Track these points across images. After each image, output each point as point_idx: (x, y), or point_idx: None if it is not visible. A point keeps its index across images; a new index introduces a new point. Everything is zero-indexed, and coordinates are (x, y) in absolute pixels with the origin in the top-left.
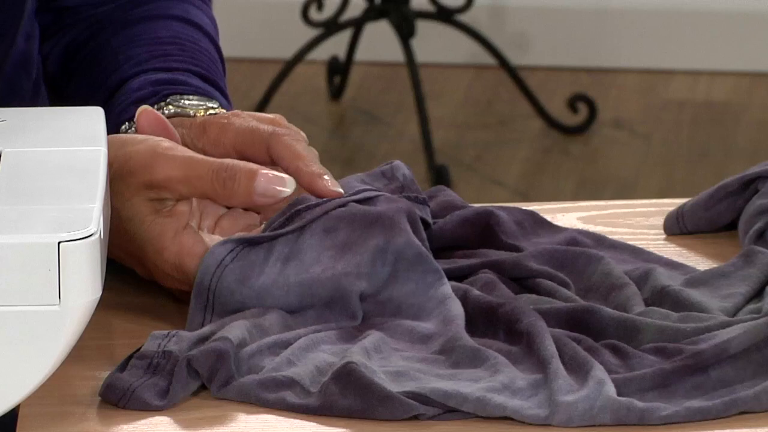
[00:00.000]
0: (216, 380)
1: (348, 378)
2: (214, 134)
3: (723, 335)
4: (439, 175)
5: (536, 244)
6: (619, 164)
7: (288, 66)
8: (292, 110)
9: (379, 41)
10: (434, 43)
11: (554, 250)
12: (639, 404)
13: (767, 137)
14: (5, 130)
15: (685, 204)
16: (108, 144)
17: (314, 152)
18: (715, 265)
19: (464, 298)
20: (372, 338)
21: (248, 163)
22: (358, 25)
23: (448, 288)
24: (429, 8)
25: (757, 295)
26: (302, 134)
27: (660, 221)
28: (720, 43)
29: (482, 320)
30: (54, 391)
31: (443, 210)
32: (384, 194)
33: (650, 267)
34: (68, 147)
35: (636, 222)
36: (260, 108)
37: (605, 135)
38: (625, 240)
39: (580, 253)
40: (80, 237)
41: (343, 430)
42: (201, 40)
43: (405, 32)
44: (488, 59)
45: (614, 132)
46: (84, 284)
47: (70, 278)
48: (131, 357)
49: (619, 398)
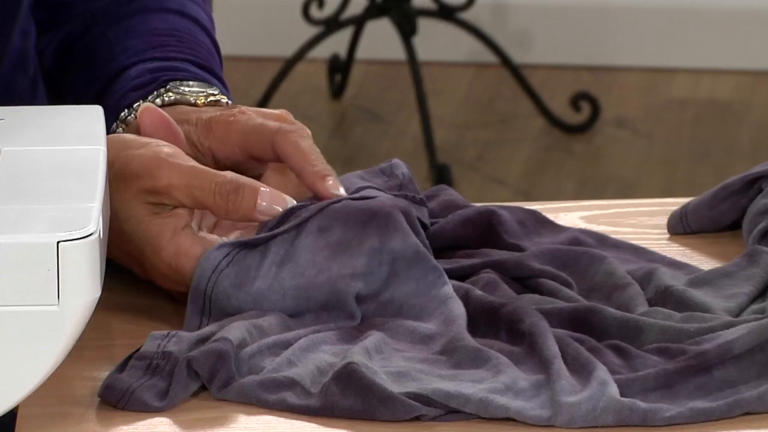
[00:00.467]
0: (216, 381)
1: (349, 378)
2: (221, 132)
3: (727, 335)
4: (441, 174)
5: (538, 244)
6: (622, 163)
7: (288, 64)
8: (293, 109)
9: (381, 39)
10: (436, 41)
11: (556, 250)
12: (642, 405)
13: None
14: (4, 129)
15: (689, 203)
16: (108, 144)
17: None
18: (719, 265)
19: (466, 298)
20: (373, 338)
21: (252, 180)
22: (359, 23)
23: (450, 288)
24: (430, 6)
25: (761, 295)
26: (307, 131)
27: (663, 221)
28: (723, 41)
29: (484, 320)
30: (53, 392)
31: (445, 209)
32: (382, 194)
33: (653, 267)
34: (67, 146)
35: (639, 221)
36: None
37: (607, 134)
38: (628, 239)
39: (583, 253)
40: (79, 237)
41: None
42: (197, 33)
43: (406, 30)
44: (490, 57)
45: (616, 131)
46: (83, 284)
47: (70, 278)
48: (130, 357)
49: (622, 399)
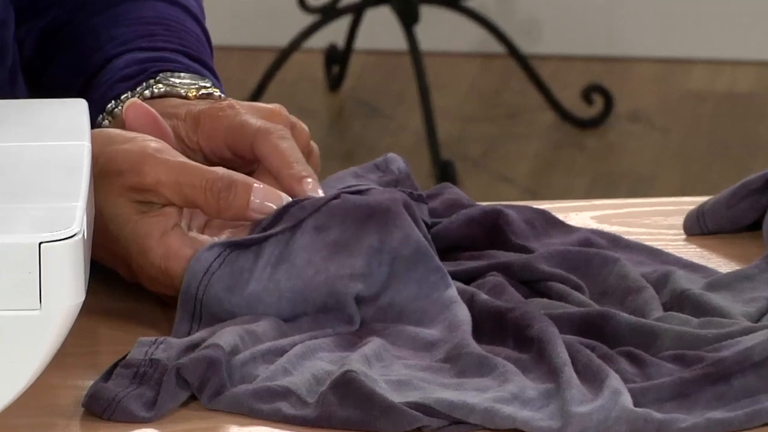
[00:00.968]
0: (207, 390)
1: (347, 387)
2: (208, 127)
3: (746, 342)
4: (444, 171)
5: (548, 245)
6: (636, 159)
7: (283, 54)
8: (288, 102)
9: (381, 28)
10: (439, 30)
11: (567, 252)
12: (657, 415)
13: None
14: None
15: (706, 202)
16: (92, 139)
17: (313, 147)
18: (738, 267)
19: (471, 303)
20: (372, 345)
21: (245, 176)
22: (358, 11)
23: (454, 291)
24: None
25: None
26: (302, 126)
27: (679, 220)
28: (743, 31)
29: (490, 326)
30: (34, 402)
31: (448, 208)
32: (377, 188)
33: (669, 269)
34: (49, 142)
35: (654, 221)
36: (254, 99)
37: (621, 128)
38: (642, 240)
39: (594, 255)
40: (62, 237)
41: None
42: (187, 21)
43: (408, 18)
44: (497, 47)
45: (631, 125)
46: (66, 287)
47: (52, 281)
48: (116, 365)
49: (636, 409)
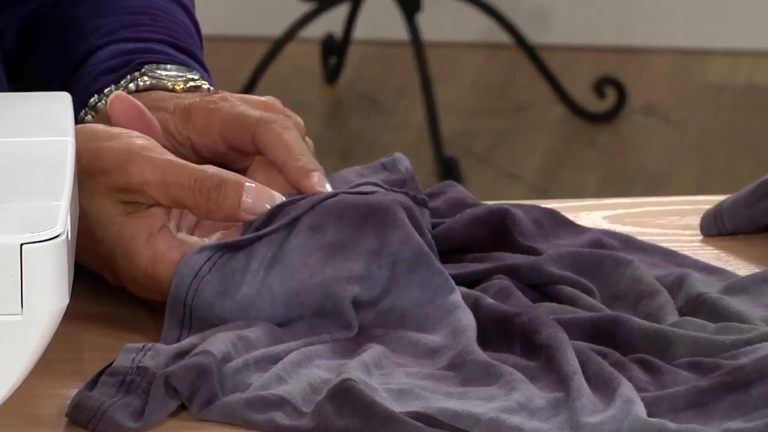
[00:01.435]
0: (197, 399)
1: (345, 396)
2: (201, 121)
3: (766, 348)
4: (448, 169)
5: (557, 247)
6: (650, 156)
7: (277, 45)
8: (282, 95)
9: (381, 17)
10: (442, 19)
11: (577, 253)
12: (672, 426)
13: None
14: None
15: (724, 201)
16: (77, 134)
17: (308, 143)
18: (758, 270)
19: (476, 307)
20: (372, 352)
21: (236, 174)
22: None
23: (458, 295)
24: None
25: None
26: (297, 119)
27: (695, 220)
28: (764, 20)
29: (496, 332)
30: (16, 411)
31: (452, 208)
32: (380, 190)
33: (684, 272)
34: (32, 137)
35: (669, 221)
36: (246, 92)
37: (635, 123)
38: (657, 242)
39: (606, 257)
40: (45, 238)
41: None
42: (176, 11)
43: (409, 6)
44: (503, 37)
45: (645, 119)
46: (49, 291)
47: (34, 284)
48: (102, 373)
49: (650, 419)
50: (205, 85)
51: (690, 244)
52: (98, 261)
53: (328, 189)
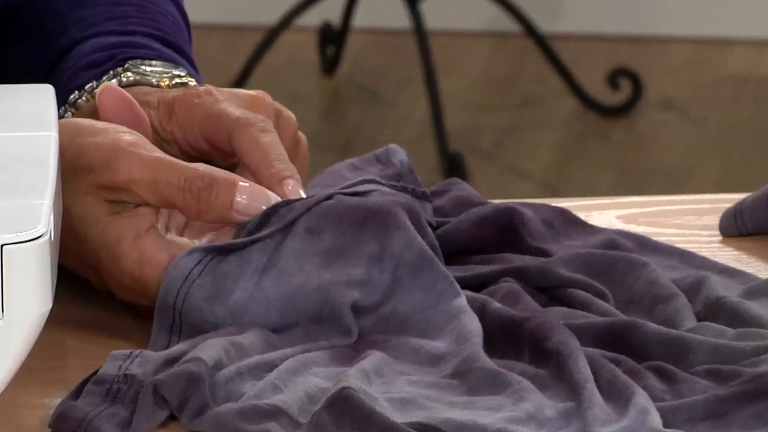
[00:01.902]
0: (187, 409)
1: (344, 406)
2: (183, 116)
3: None
4: (453, 165)
5: (568, 248)
6: (668, 152)
7: (272, 34)
8: (277, 87)
9: (381, 4)
10: (447, 7)
11: (589, 255)
12: None
13: None
14: None
15: (745, 200)
16: (60, 129)
17: (302, 139)
18: None
19: (482, 312)
20: (372, 359)
21: (229, 173)
22: None
23: (463, 299)
24: None
25: None
26: (288, 114)
27: (715, 220)
28: None
29: (503, 338)
30: None
31: (457, 207)
32: (378, 189)
33: (703, 275)
34: (12, 132)
35: (686, 221)
36: (238, 85)
37: (651, 117)
38: (673, 242)
39: (620, 259)
40: (27, 239)
41: None
42: (163, 2)
43: None
44: (511, 26)
45: (662, 113)
46: (32, 294)
47: (16, 287)
48: (87, 381)
49: (666, 430)
50: (192, 83)
51: (708, 245)
52: (82, 263)
53: (302, 196)
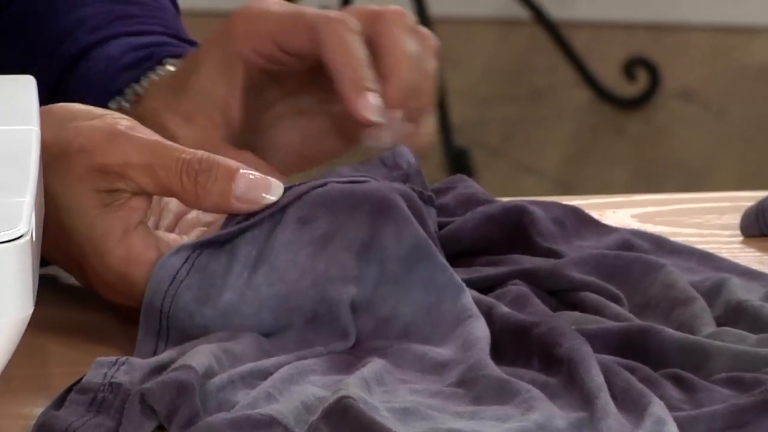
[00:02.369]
0: (177, 419)
1: (343, 416)
2: (244, 26)
3: None
4: (458, 161)
5: (580, 249)
6: (687, 147)
7: None
8: None
9: None
10: None
11: (602, 256)
12: None
13: None
14: None
15: (767, 198)
16: (49, 116)
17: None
18: None
19: (489, 316)
20: (373, 367)
21: (231, 160)
22: None
23: (469, 298)
24: None
25: None
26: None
27: (735, 219)
28: None
29: (512, 344)
30: None
31: (462, 205)
32: (374, 179)
33: (723, 277)
34: None
35: (705, 220)
36: None
37: (670, 109)
38: (692, 243)
39: (635, 260)
40: (7, 239)
41: None
42: None
43: None
44: (521, 12)
45: (681, 106)
46: (12, 298)
47: None
48: (70, 390)
49: None
50: None
51: (729, 246)
52: (66, 257)
53: (379, 119)
